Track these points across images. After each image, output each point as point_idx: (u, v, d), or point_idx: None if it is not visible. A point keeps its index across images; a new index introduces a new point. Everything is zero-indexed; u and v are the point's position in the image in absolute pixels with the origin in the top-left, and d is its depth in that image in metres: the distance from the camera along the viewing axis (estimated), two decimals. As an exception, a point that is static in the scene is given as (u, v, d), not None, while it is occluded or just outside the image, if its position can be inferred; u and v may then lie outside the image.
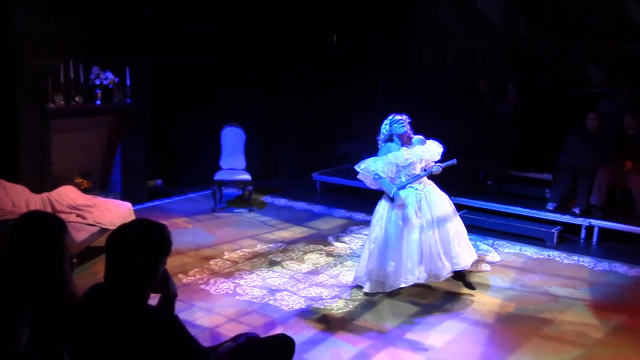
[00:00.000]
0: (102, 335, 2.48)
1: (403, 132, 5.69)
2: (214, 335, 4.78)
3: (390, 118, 5.76)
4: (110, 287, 2.56)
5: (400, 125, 5.69)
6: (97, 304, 2.55)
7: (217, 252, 6.83)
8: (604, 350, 4.86)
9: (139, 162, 8.60)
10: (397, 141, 5.73)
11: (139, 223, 2.73)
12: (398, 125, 5.69)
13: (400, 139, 5.72)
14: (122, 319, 2.49)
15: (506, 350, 4.78)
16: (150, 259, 2.60)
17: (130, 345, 2.45)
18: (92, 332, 2.50)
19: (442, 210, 5.71)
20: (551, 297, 5.87)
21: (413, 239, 5.57)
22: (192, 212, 8.37)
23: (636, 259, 6.98)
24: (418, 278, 5.58)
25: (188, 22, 9.00)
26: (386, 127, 5.76)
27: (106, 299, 2.54)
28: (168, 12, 8.79)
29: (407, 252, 5.56)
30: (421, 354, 4.67)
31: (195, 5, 9.03)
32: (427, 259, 5.58)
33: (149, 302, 2.64)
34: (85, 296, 2.62)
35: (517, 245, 7.40)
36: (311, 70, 10.67)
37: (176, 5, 8.88)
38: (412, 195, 5.66)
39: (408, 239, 5.57)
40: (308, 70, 10.62)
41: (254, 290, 5.78)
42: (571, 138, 8.30)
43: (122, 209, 6.72)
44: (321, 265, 6.51)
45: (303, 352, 4.54)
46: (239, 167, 8.79)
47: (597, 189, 7.71)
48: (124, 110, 8.26)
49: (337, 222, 8.22)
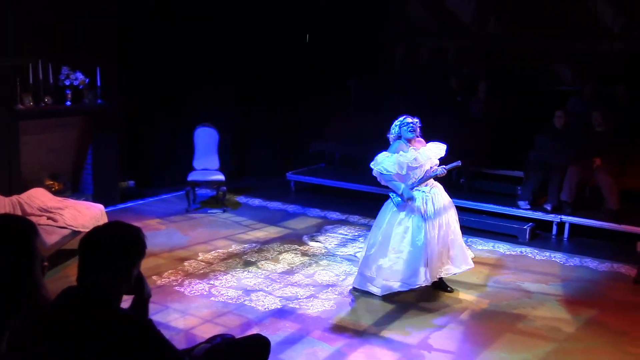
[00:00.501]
0: (74, 339, 2.44)
1: (411, 137, 5.68)
2: (188, 337, 4.75)
3: (400, 119, 5.74)
4: (83, 290, 2.53)
5: (409, 129, 5.67)
6: (69, 308, 2.51)
7: (191, 253, 6.78)
8: (576, 344, 4.93)
9: (110, 163, 8.49)
10: (405, 141, 5.71)
11: (112, 225, 2.70)
12: (407, 128, 5.67)
13: (407, 142, 5.71)
14: (95, 323, 2.45)
15: (480, 346, 4.83)
16: (125, 261, 2.57)
17: (103, 349, 2.42)
18: (64, 336, 2.47)
19: (446, 214, 5.72)
20: (524, 293, 5.94)
21: (420, 241, 5.53)
22: (165, 213, 8.31)
23: (606, 254, 7.11)
24: (425, 280, 5.55)
25: (159, 22, 8.93)
26: (395, 128, 5.75)
27: (78, 302, 2.50)
28: (139, 11, 8.71)
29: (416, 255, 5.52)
30: (397, 352, 4.70)
31: (166, 6, 8.97)
32: (431, 261, 5.57)
33: (123, 304, 2.62)
34: (56, 300, 2.58)
35: (490, 242, 7.48)
36: (284, 69, 10.65)
37: (147, 5, 8.80)
38: (420, 198, 5.63)
39: (416, 241, 5.53)
40: (281, 69, 10.60)
41: (229, 291, 5.75)
42: (540, 136, 8.41)
43: (94, 210, 6.64)
44: (296, 265, 6.51)
45: (279, 352, 4.53)
46: (212, 167, 8.74)
47: (567, 186, 7.84)
48: (95, 111, 8.15)
49: (312, 221, 8.22)
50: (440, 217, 5.65)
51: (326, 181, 9.63)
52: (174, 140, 9.59)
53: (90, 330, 2.44)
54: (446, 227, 5.67)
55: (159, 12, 8.95)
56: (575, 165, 7.88)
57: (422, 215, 5.58)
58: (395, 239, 5.59)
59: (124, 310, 2.60)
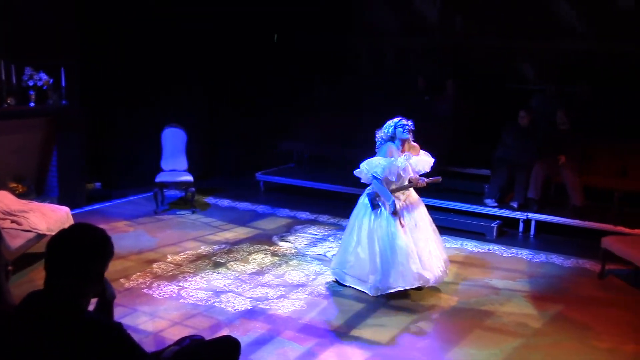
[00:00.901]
0: (40, 344, 2.40)
1: (406, 137, 5.74)
2: (158, 340, 4.70)
3: (396, 121, 5.76)
4: (50, 293, 2.48)
5: (405, 131, 5.71)
6: (35, 312, 2.47)
7: (160, 255, 6.72)
8: (543, 339, 5.01)
9: (76, 165, 8.37)
10: (398, 144, 5.75)
11: (79, 227, 2.66)
12: (402, 130, 5.72)
13: (401, 144, 5.75)
14: (62, 327, 2.41)
15: (450, 343, 4.88)
16: (92, 264, 2.54)
17: (71, 354, 2.38)
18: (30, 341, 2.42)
19: (421, 222, 5.81)
20: (492, 290, 6.02)
21: (400, 245, 5.58)
22: (133, 215, 8.22)
23: (571, 250, 7.24)
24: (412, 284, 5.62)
25: (125, 22, 8.83)
26: (390, 128, 5.77)
27: (45, 306, 2.46)
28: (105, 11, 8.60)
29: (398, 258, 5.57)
30: (367, 351, 4.72)
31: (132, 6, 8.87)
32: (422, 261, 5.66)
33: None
34: (21, 304, 2.53)
35: (458, 240, 7.56)
36: (252, 69, 10.62)
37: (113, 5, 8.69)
38: (397, 205, 5.69)
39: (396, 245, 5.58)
40: (249, 69, 10.57)
41: (198, 293, 5.71)
42: (505, 134, 8.52)
43: (59, 213, 6.53)
44: (266, 266, 6.49)
45: (249, 353, 4.52)
46: (180, 168, 8.68)
47: (533, 184, 7.96)
48: (60, 112, 8.02)
49: (282, 221, 8.20)
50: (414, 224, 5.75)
51: (295, 181, 9.63)
52: (141, 141, 9.49)
53: (57, 334, 2.40)
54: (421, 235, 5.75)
55: (125, 12, 8.84)
56: (540, 163, 8.01)
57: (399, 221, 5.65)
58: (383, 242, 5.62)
59: (92, 313, 2.57)
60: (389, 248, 5.59)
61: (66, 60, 7.89)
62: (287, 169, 10.30)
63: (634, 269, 6.26)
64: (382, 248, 5.62)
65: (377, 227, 5.68)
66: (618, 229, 7.24)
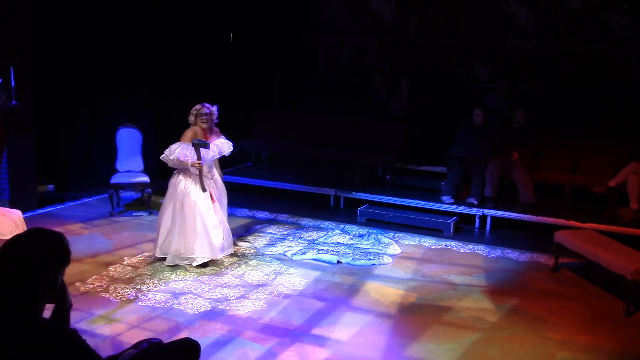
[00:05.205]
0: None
1: (205, 127, 6.40)
2: (115, 344, 4.62)
3: (197, 108, 6.43)
4: (3, 301, 2.42)
5: (204, 119, 6.39)
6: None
7: (116, 258, 6.61)
8: (500, 332, 5.12)
9: (27, 167, 8.16)
10: (200, 131, 6.39)
11: (34, 232, 2.59)
12: (201, 119, 6.40)
13: (202, 131, 6.39)
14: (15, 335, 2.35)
15: (409, 339, 4.93)
16: (48, 269, 2.48)
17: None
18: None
19: (221, 199, 6.62)
20: (450, 285, 6.11)
21: (211, 218, 6.33)
22: (88, 217, 8.05)
23: (526, 245, 7.41)
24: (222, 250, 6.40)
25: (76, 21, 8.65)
26: (192, 117, 6.45)
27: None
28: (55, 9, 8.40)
29: (208, 229, 6.30)
30: (328, 349, 4.73)
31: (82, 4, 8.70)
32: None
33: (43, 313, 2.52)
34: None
35: (416, 237, 7.64)
36: (206, 68, 10.52)
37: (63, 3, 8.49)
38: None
39: (207, 217, 6.31)
40: (204, 67, 10.47)
41: (156, 295, 5.64)
42: (460, 131, 8.65)
43: (11, 217, 6.36)
44: (225, 266, 6.45)
45: (209, 355, 4.48)
46: (136, 169, 8.55)
47: (489, 180, 8.10)
48: (9, 113, 7.79)
49: (240, 221, 8.15)
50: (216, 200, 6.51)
51: (253, 180, 9.58)
52: (94, 142, 9.31)
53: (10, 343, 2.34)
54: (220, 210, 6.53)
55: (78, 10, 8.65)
56: (494, 160, 8.16)
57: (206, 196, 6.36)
58: (196, 215, 6.31)
59: (46, 320, 2.51)
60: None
61: (15, 59, 7.68)
62: (244, 168, 10.25)
63: (585, 262, 6.43)
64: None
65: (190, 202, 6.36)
66: (570, 224, 7.43)
